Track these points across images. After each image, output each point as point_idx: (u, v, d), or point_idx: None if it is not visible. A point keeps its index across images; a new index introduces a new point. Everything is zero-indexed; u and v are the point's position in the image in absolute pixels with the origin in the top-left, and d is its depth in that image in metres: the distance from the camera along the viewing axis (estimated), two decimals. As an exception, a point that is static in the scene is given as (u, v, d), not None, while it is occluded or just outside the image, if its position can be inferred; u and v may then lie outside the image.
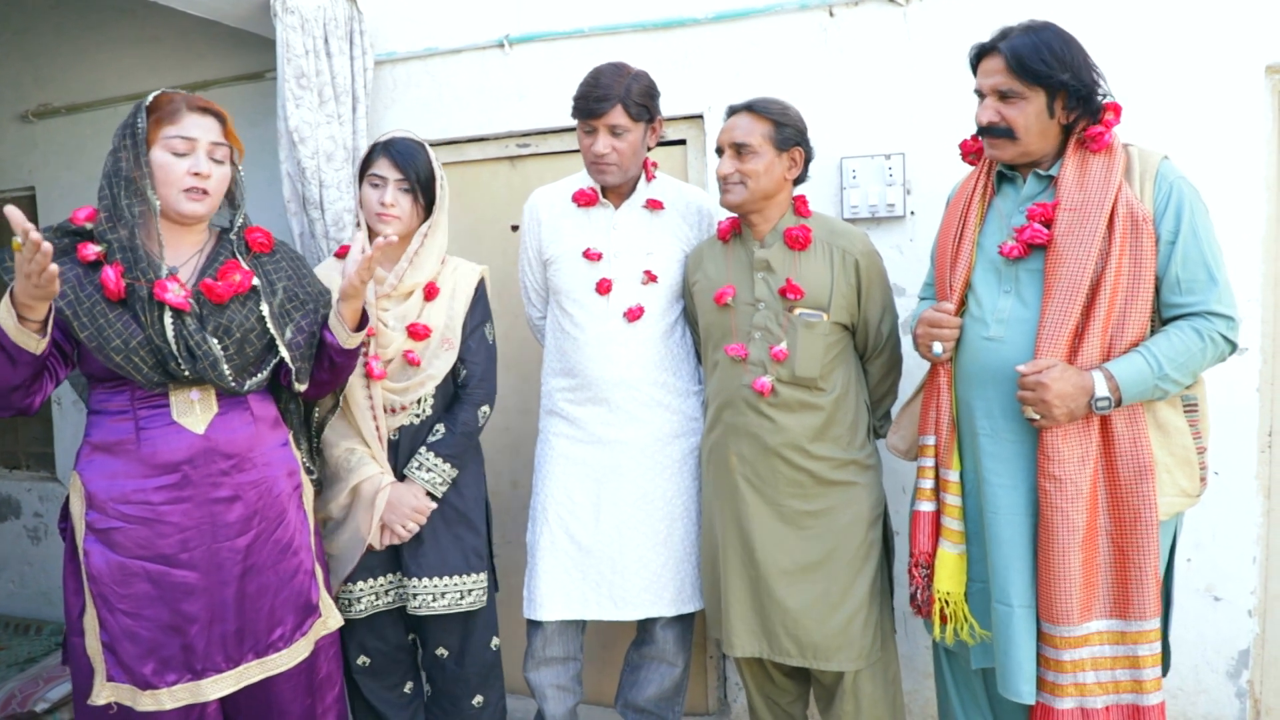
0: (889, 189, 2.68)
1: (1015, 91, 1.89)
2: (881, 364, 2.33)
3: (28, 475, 4.35)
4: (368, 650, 2.44)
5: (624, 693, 2.61)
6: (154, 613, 1.88)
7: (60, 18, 3.98)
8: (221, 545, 1.94)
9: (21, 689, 3.12)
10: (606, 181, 2.40)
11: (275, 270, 2.09)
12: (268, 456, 2.04)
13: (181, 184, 1.91)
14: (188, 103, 1.94)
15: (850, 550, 2.23)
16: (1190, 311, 1.84)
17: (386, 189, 2.29)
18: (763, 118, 2.22)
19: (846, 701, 2.28)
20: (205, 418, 1.94)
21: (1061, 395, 1.79)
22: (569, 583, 2.44)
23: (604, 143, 2.33)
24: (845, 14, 2.73)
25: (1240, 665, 2.52)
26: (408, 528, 2.29)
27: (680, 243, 2.49)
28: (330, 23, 2.99)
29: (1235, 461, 2.47)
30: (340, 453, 2.31)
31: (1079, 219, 1.85)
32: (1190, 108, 2.43)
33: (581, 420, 2.46)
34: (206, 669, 1.92)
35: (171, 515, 1.89)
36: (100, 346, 1.83)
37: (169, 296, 1.86)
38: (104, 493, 1.88)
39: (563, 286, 2.47)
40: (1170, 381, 1.81)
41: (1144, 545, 1.83)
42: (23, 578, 4.34)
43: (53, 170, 4.02)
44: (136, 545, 1.88)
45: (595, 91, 2.31)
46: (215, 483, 1.94)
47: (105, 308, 1.84)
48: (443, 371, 2.35)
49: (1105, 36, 2.39)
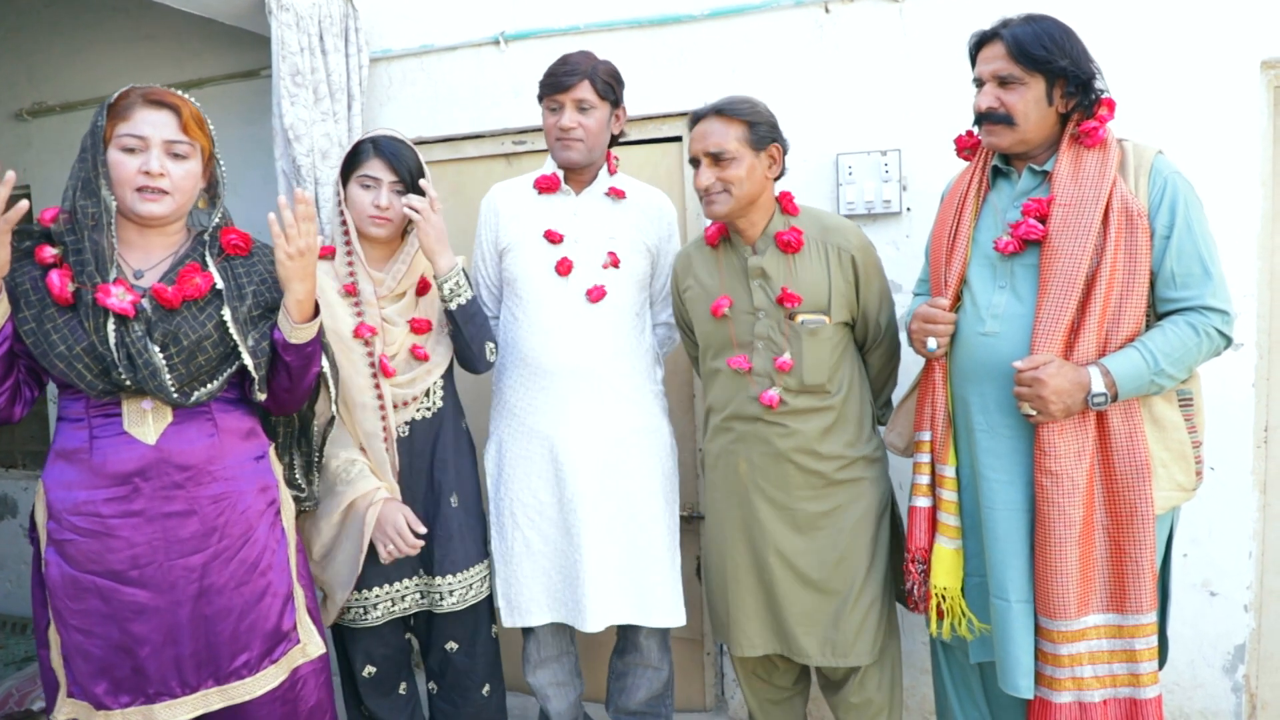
0: (885, 185, 2.68)
1: (1015, 77, 1.90)
2: (881, 354, 2.32)
3: (24, 474, 4.34)
4: (374, 659, 2.39)
5: (614, 699, 2.61)
6: (105, 630, 1.80)
7: (55, 15, 3.97)
8: (175, 563, 1.83)
9: (19, 688, 3.12)
10: (571, 159, 2.36)
11: (248, 274, 1.96)
12: (232, 470, 1.91)
13: (133, 183, 1.81)
14: (144, 96, 1.83)
15: (863, 546, 2.22)
16: (1185, 306, 1.85)
17: (381, 191, 2.23)
18: (734, 119, 2.13)
19: (853, 694, 2.28)
20: (158, 428, 1.83)
21: (1058, 391, 1.80)
22: (549, 585, 2.41)
23: (570, 116, 2.33)
24: (841, 10, 2.72)
25: (1236, 660, 2.53)
26: (389, 550, 2.23)
27: (642, 235, 2.45)
28: (325, 20, 2.98)
29: (1231, 457, 2.47)
30: (339, 464, 2.25)
31: (1074, 214, 1.85)
32: (1186, 103, 2.43)
33: (535, 417, 2.40)
34: (160, 693, 1.82)
35: (121, 529, 1.80)
36: (44, 352, 1.76)
37: (111, 301, 1.76)
38: (60, 502, 1.82)
39: (520, 272, 2.41)
40: (1166, 376, 1.82)
41: (1140, 539, 1.83)
42: (19, 577, 4.33)
43: (47, 169, 4.01)
44: (87, 559, 1.80)
45: (563, 68, 2.34)
46: (168, 496, 1.83)
47: (54, 312, 1.77)
48: (445, 359, 2.35)
49: (1101, 32, 2.39)
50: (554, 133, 2.37)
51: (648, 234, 2.47)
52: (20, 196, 1.70)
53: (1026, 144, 1.95)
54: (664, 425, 2.49)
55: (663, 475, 2.45)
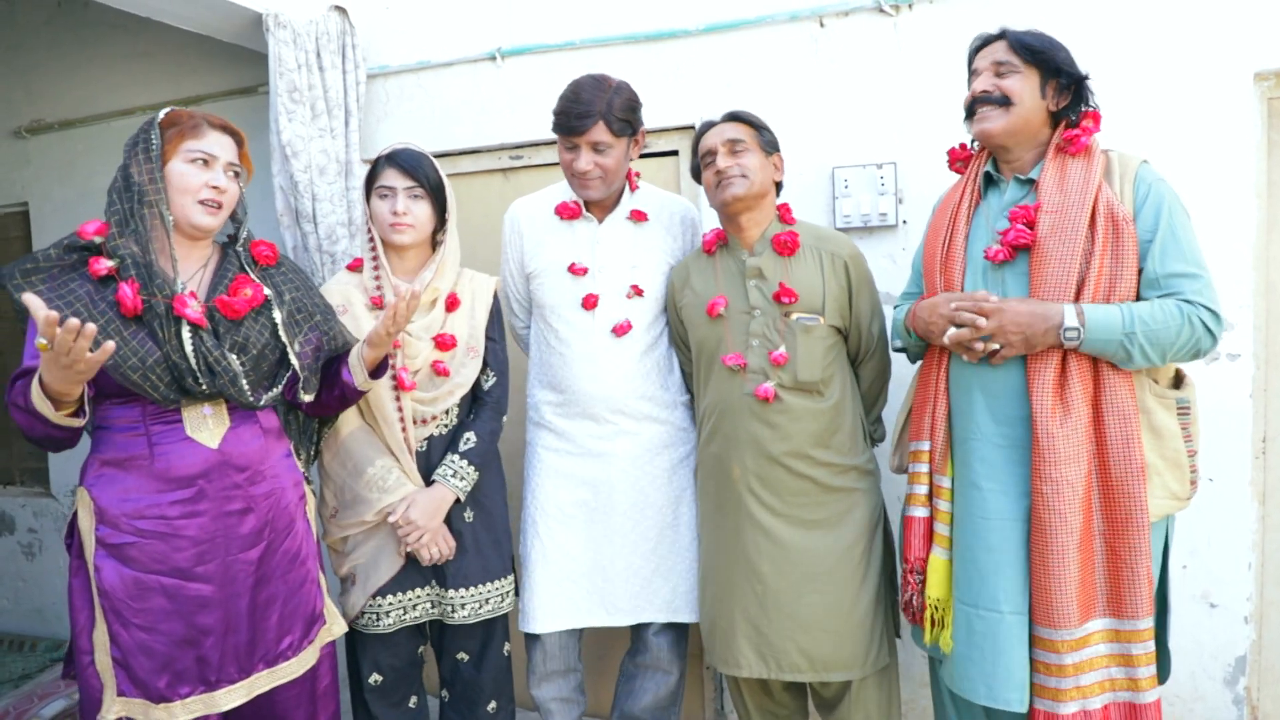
0: (881, 198, 2.69)
1: (1013, 65, 1.97)
2: (873, 367, 2.34)
3: (22, 491, 4.33)
4: (380, 668, 2.40)
5: (620, 703, 2.60)
6: (169, 626, 1.89)
7: (53, 33, 3.99)
8: (235, 557, 1.95)
9: (15, 706, 3.11)
10: (590, 196, 2.38)
11: (284, 282, 2.11)
12: (276, 468, 2.06)
13: (199, 194, 1.92)
14: (208, 120, 1.96)
15: (855, 557, 2.22)
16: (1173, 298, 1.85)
17: (396, 198, 2.26)
18: (745, 124, 2.25)
19: (852, 710, 2.27)
20: (218, 432, 1.95)
21: (1015, 319, 1.84)
22: (561, 593, 2.43)
23: (586, 159, 2.31)
24: (836, 25, 2.74)
25: (1237, 672, 2.52)
26: (432, 552, 2.28)
27: (665, 255, 2.48)
28: (322, 37, 3.00)
29: (1229, 468, 2.47)
30: (377, 470, 2.27)
31: (1060, 220, 1.88)
32: (1180, 115, 2.44)
33: (570, 434, 2.45)
34: (220, 680, 1.94)
35: (187, 529, 1.90)
36: (116, 365, 1.82)
37: (189, 312, 1.87)
38: (116, 508, 1.87)
39: (547, 301, 2.45)
40: (1136, 345, 1.81)
41: (1136, 546, 1.83)
42: (17, 594, 4.31)
43: (45, 186, 4.01)
44: (152, 560, 1.88)
45: (576, 108, 2.26)
46: (229, 496, 1.95)
47: (120, 325, 1.83)
48: (470, 380, 2.35)
49: (1095, 44, 2.41)
50: (570, 171, 2.36)
51: (672, 252, 2.50)
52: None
53: (1016, 136, 1.98)
54: (690, 434, 2.51)
55: (689, 483, 2.48)
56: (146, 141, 1.90)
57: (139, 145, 1.90)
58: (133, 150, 1.91)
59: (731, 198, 2.21)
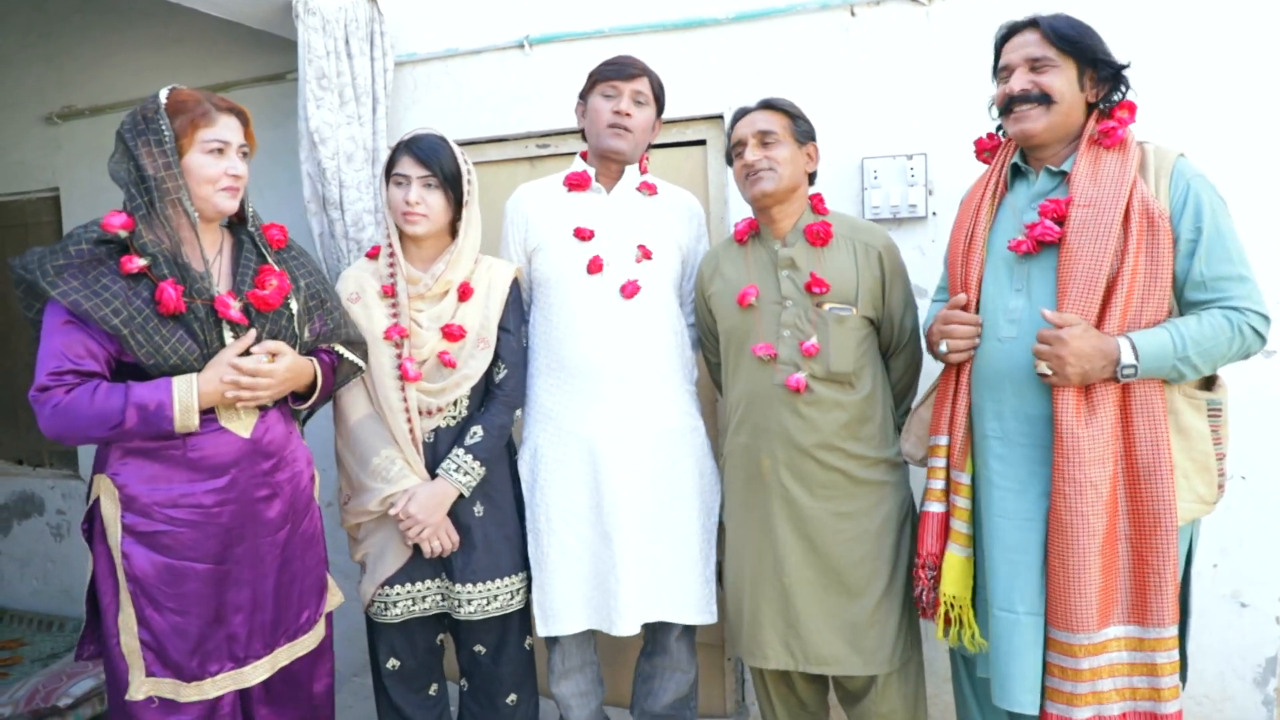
0: (911, 189, 2.66)
1: (1049, 59, 1.90)
2: (904, 359, 2.31)
3: (51, 473, 4.39)
4: (398, 654, 2.41)
5: (639, 702, 2.59)
6: (201, 609, 1.94)
7: (83, 20, 4.02)
8: (264, 540, 2.02)
9: (45, 685, 3.15)
10: (619, 147, 2.36)
11: (297, 266, 2.12)
12: (295, 453, 2.12)
13: (220, 183, 1.93)
14: (214, 104, 1.93)
15: (884, 551, 2.21)
16: (1220, 305, 1.80)
17: (410, 187, 2.24)
18: (779, 112, 2.24)
19: (877, 704, 2.26)
20: (249, 421, 1.99)
21: (1078, 354, 1.76)
22: (579, 595, 2.38)
23: (627, 103, 2.35)
24: (867, 13, 2.71)
25: (1267, 673, 2.49)
26: (434, 546, 2.27)
27: (673, 233, 2.45)
28: (351, 24, 3.00)
29: (1262, 466, 2.43)
30: (381, 460, 2.26)
31: (1093, 215, 1.82)
32: (1218, 105, 2.39)
33: (571, 420, 2.37)
34: (248, 656, 2.01)
35: (221, 516, 1.94)
36: (158, 364, 1.85)
37: (231, 313, 1.92)
38: (146, 496, 1.90)
39: (551, 272, 2.40)
40: (1189, 365, 1.77)
41: (1163, 551, 1.78)
42: (46, 574, 4.37)
43: (77, 172, 4.06)
44: (185, 547, 1.91)
45: (624, 59, 2.39)
46: (257, 483, 2.00)
47: (158, 324, 1.85)
48: (479, 371, 2.31)
49: (1131, 32, 2.36)
50: (607, 118, 2.36)
51: (679, 233, 2.47)
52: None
53: (1056, 131, 1.92)
54: (699, 425, 2.48)
55: (698, 475, 2.43)
56: (157, 131, 1.86)
57: (148, 135, 1.87)
58: (140, 138, 1.87)
59: (760, 193, 2.20)
